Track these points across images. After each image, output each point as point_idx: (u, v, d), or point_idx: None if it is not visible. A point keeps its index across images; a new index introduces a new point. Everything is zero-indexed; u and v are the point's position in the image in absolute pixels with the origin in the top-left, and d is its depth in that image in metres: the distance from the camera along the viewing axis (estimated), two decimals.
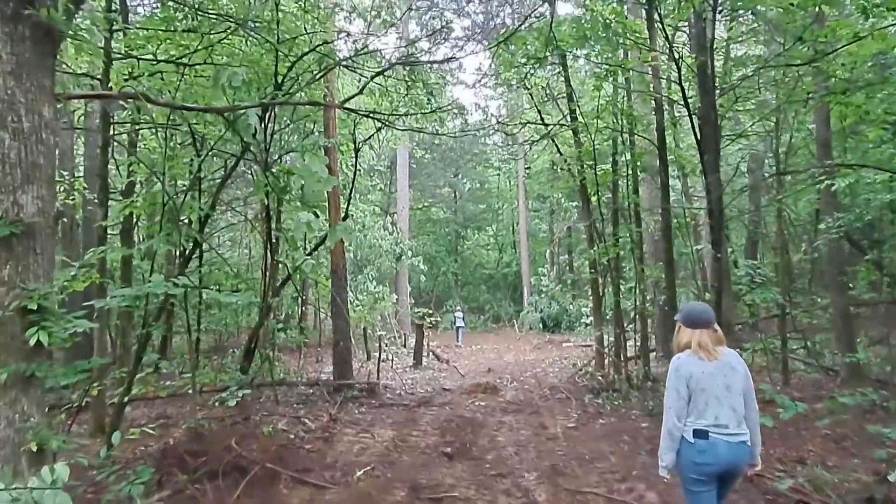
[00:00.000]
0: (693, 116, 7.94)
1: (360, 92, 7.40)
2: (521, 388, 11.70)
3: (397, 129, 11.32)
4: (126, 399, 5.52)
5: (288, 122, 9.50)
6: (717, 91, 7.79)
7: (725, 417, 3.32)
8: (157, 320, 5.72)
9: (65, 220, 10.12)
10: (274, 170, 5.80)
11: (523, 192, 30.10)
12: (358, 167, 22.34)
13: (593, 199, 12.08)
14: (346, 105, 8.28)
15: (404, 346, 20.27)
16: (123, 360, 7.08)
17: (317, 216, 6.00)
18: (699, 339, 3.43)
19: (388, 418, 8.90)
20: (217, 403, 7.51)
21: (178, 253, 6.79)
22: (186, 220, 6.69)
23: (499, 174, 36.71)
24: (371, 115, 8.12)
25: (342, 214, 11.26)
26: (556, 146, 13.19)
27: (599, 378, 11.37)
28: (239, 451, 5.60)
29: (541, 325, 26.84)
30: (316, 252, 12.68)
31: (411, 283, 29.05)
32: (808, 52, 7.19)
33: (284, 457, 5.94)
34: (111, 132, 7.09)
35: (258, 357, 12.49)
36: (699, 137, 8.24)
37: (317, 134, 10.44)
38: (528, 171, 30.41)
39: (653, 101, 9.80)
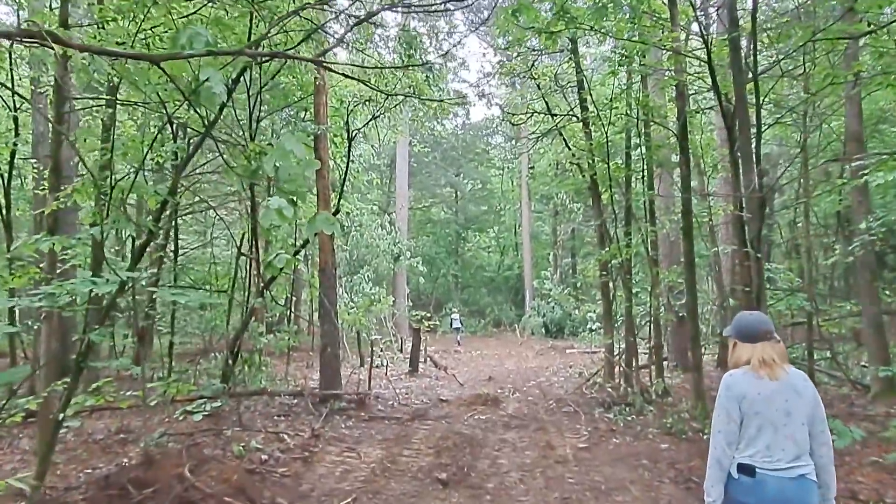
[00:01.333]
0: (725, 101, 7.06)
1: (338, 40, 6.49)
2: (525, 400, 10.80)
3: (392, 109, 10.38)
4: (62, 417, 4.64)
5: (268, 107, 8.67)
6: (751, 70, 6.90)
7: (780, 449, 2.71)
8: (101, 323, 4.84)
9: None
10: (245, 150, 4.95)
11: (526, 192, 29.22)
12: (351, 158, 21.49)
13: (605, 196, 11.21)
14: (336, 72, 7.42)
15: (401, 350, 19.39)
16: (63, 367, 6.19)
17: (293, 203, 5.07)
18: (761, 353, 2.80)
19: (377, 434, 8.01)
20: (182, 417, 6.64)
21: (137, 244, 5.92)
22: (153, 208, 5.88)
23: (501, 173, 35.82)
24: (365, 83, 7.22)
25: (333, 209, 10.39)
26: (565, 140, 12.30)
27: (609, 390, 10.48)
28: (192, 480, 4.71)
29: (543, 331, 25.95)
30: (303, 249, 11.83)
31: (410, 285, 28.17)
32: (862, 25, 6.32)
33: (248, 487, 5.06)
34: (67, 107, 6.21)
35: (243, 362, 11.67)
36: (731, 125, 7.38)
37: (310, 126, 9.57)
38: (531, 171, 29.49)
39: (672, 88, 8.91)
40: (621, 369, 11.07)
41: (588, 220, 29.90)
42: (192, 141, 8.92)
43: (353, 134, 10.41)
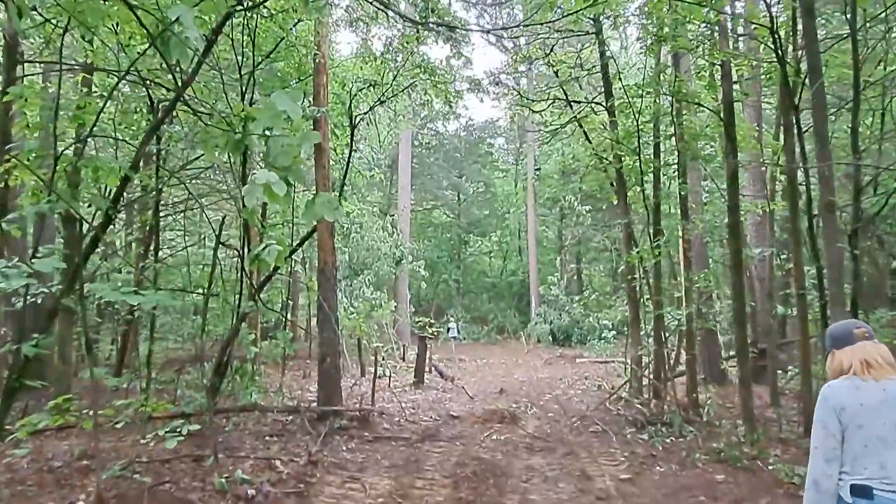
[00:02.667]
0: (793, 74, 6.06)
1: None
2: (545, 417, 9.76)
3: (400, 94, 9.39)
4: None
5: (262, 90, 7.68)
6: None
7: (895, 466, 2.34)
8: (45, 330, 3.82)
9: None
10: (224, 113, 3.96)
11: (532, 194, 28.21)
12: (352, 159, 20.45)
13: (632, 193, 10.22)
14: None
15: (403, 359, 18.33)
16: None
17: (289, 185, 4.10)
18: (862, 354, 2.48)
19: (383, 459, 6.96)
20: (153, 442, 5.62)
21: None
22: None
23: (504, 175, 34.84)
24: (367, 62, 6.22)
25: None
26: (585, 133, 11.33)
27: (639, 406, 9.43)
28: None
29: (550, 338, 24.90)
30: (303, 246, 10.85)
31: (411, 291, 27.13)
32: None
33: None
34: (17, 72, 5.20)
35: (233, 373, 10.62)
36: (791, 105, 6.38)
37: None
38: (537, 173, 28.55)
39: (718, 66, 7.91)
40: (650, 383, 10.04)
41: (596, 224, 28.97)
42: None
43: (357, 120, 9.42)
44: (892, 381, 2.40)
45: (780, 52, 6.15)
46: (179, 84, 4.13)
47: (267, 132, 4.01)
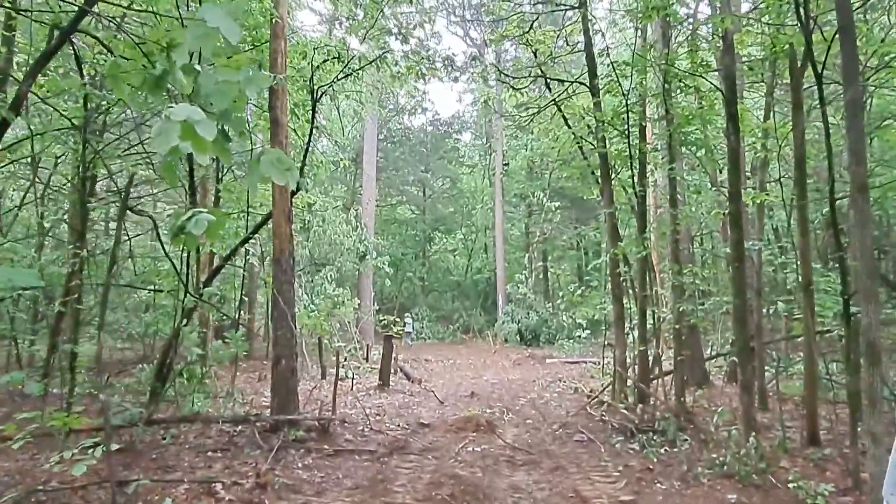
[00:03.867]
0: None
1: None
2: (523, 423, 8.93)
3: (366, 68, 8.43)
4: None
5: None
6: None
7: None
8: None
9: None
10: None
11: (500, 190, 27.46)
12: (313, 150, 19.36)
13: (616, 181, 9.49)
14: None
15: (367, 359, 17.32)
16: None
17: (225, 136, 3.15)
18: None
19: (346, 477, 6.01)
20: (55, 463, 4.58)
21: None
22: None
23: (471, 171, 34.03)
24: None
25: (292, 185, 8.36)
26: (564, 117, 10.55)
27: (624, 412, 8.67)
28: None
29: (518, 338, 24.17)
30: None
31: (375, 288, 26.10)
32: None
33: None
34: None
35: (177, 376, 9.53)
36: (817, 74, 5.67)
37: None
38: (505, 168, 27.84)
39: (719, 39, 7.19)
40: (635, 385, 9.33)
41: (565, 222, 28.43)
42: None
43: (319, 94, 8.44)
44: None
45: (801, 10, 5.41)
46: None
47: (199, 67, 3.07)
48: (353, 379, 12.24)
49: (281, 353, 7.49)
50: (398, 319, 24.02)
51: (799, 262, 6.87)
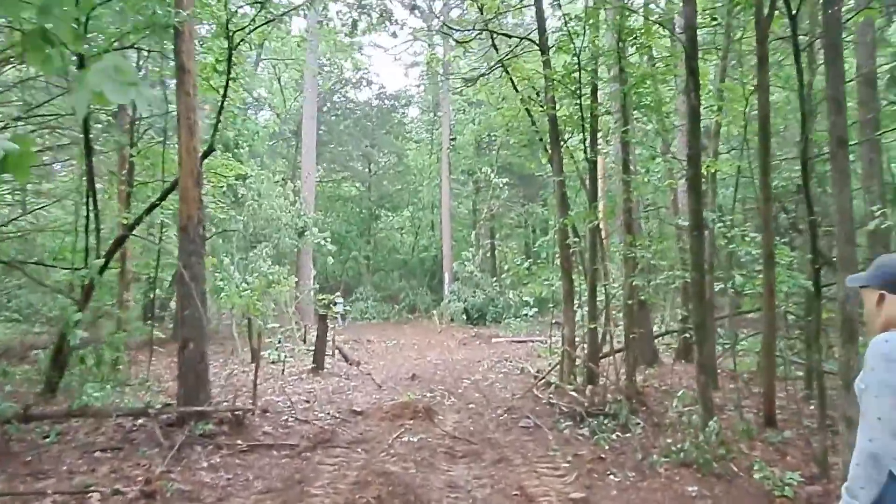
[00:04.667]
0: None
1: None
2: (465, 408, 8.26)
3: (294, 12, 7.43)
4: None
5: None
6: None
7: None
8: None
9: None
10: None
11: (447, 166, 26.64)
12: (247, 117, 18.00)
13: (566, 149, 8.81)
14: None
15: (304, 341, 16.37)
16: None
17: (47, 39, 2.12)
18: None
19: (257, 478, 5.18)
20: None
21: None
22: None
23: (418, 147, 33.08)
24: None
25: (204, 147, 7.37)
26: (512, 81, 9.79)
27: (572, 393, 8.09)
28: None
29: (464, 317, 23.57)
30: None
31: (317, 266, 25.00)
32: None
33: None
34: None
35: (79, 363, 8.47)
36: (792, 17, 5.07)
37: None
38: (452, 143, 27.02)
39: None
40: (584, 365, 8.78)
41: (512, 199, 27.91)
42: None
43: (237, 42, 7.40)
44: None
45: None
46: None
47: None
48: (284, 362, 11.32)
49: (188, 335, 6.55)
50: (338, 299, 23.08)
51: (762, 232, 6.33)
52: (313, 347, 13.00)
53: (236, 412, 6.49)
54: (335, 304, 20.04)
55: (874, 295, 2.07)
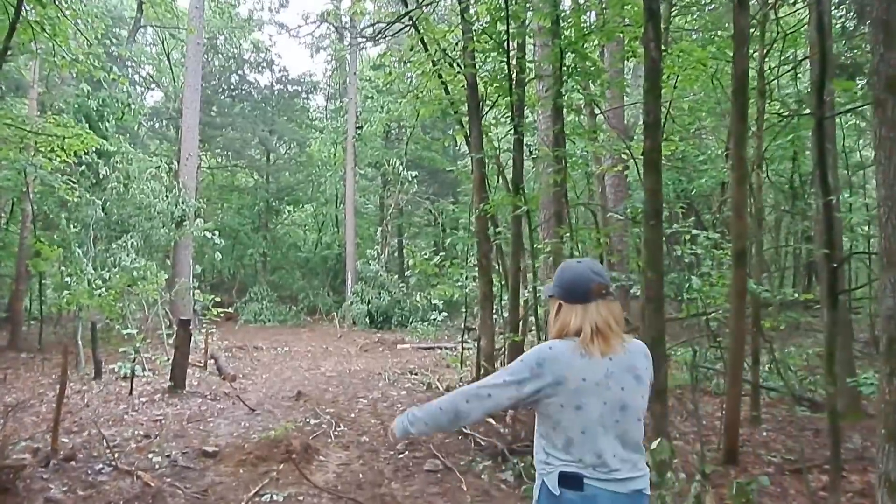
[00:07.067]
0: None
1: None
2: (356, 441, 6.49)
3: None
4: None
5: None
6: None
7: (611, 454, 1.95)
8: None
9: None
10: None
11: (353, 157, 24.65)
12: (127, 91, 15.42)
13: (485, 122, 7.25)
14: None
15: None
16: None
17: None
18: (595, 319, 1.99)
19: None
20: None
21: None
22: None
23: (321, 136, 30.81)
24: None
25: None
26: (422, 40, 8.13)
27: (490, 421, 6.52)
28: None
29: (367, 320, 21.68)
30: None
31: (203, 263, 22.31)
32: None
33: None
34: None
35: None
36: None
37: None
38: (359, 132, 25.06)
39: None
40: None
41: (422, 194, 26.26)
42: None
43: None
44: (619, 352, 1.99)
45: None
46: None
47: None
48: (132, 378, 9.08)
49: None
50: (234, 299, 20.56)
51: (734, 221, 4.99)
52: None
53: (3, 471, 4.38)
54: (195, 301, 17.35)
55: (554, 304, 2.12)
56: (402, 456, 5.92)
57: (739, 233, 5.02)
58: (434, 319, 15.87)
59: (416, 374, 11.29)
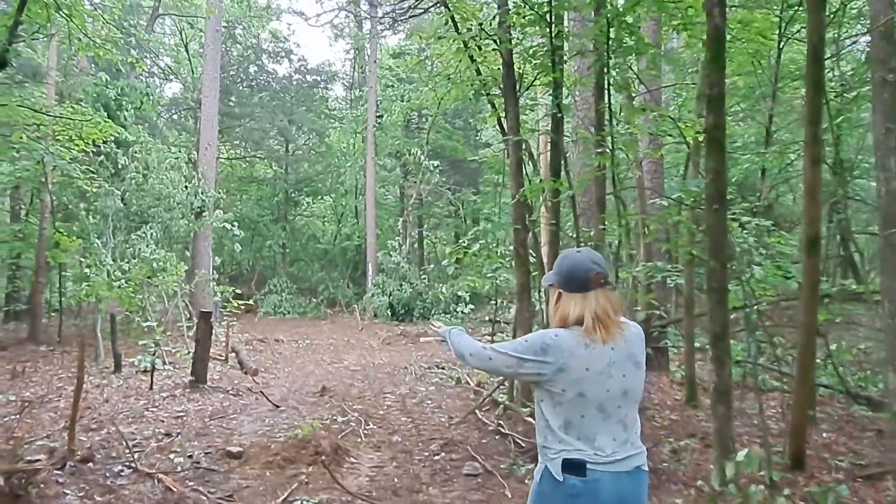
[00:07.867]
0: None
1: None
2: (388, 441, 6.12)
3: None
4: None
5: None
6: None
7: (609, 439, 2.01)
8: None
9: None
10: None
11: (373, 147, 24.27)
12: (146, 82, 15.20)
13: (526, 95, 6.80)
14: None
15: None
16: None
17: None
18: (597, 307, 2.02)
19: None
20: None
21: None
22: None
23: (341, 126, 30.44)
24: None
25: None
26: (452, 18, 7.70)
27: (529, 419, 6.12)
28: None
29: (389, 313, 21.35)
30: None
31: (223, 254, 22.12)
32: None
33: None
34: None
35: None
36: None
37: None
38: (379, 122, 24.66)
39: None
40: None
41: (443, 185, 25.80)
42: None
43: None
44: (619, 340, 2.03)
45: None
46: None
47: None
48: (152, 371, 8.80)
49: None
50: (253, 291, 20.31)
51: (804, 204, 4.51)
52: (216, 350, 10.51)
53: (20, 472, 4.06)
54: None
55: (554, 293, 2.16)
56: (438, 457, 5.53)
57: (812, 218, 4.55)
58: (459, 312, 15.45)
59: (442, 368, 10.94)
